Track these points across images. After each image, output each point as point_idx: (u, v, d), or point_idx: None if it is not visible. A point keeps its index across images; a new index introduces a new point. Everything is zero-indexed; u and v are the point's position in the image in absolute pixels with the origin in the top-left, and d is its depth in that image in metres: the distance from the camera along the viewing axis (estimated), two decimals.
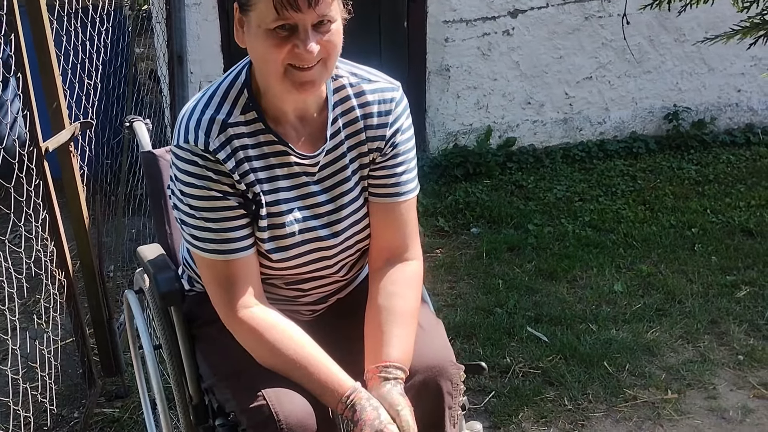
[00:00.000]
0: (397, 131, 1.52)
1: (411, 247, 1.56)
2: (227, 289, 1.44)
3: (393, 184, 1.53)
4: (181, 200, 1.43)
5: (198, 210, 1.42)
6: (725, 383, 2.53)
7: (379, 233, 1.56)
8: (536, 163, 4.68)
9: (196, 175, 1.40)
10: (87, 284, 2.47)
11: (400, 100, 1.53)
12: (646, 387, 2.52)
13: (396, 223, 1.55)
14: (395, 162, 1.53)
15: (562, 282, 3.28)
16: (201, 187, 1.40)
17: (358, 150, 1.52)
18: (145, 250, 1.82)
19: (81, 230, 2.41)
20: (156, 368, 1.80)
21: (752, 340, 2.77)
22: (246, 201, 1.45)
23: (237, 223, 1.43)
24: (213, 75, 4.27)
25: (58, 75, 2.26)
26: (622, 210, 4.01)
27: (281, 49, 1.33)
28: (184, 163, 1.41)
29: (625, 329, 2.87)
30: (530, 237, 3.71)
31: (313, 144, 1.49)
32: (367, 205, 1.56)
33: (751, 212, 3.89)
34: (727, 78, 4.98)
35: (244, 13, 1.37)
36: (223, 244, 1.42)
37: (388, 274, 1.54)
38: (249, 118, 1.44)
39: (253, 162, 1.44)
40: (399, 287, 1.52)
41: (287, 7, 1.30)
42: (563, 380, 2.56)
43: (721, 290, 3.12)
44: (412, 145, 1.56)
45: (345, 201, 1.52)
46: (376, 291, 1.53)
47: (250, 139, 1.43)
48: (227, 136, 1.41)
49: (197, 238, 1.44)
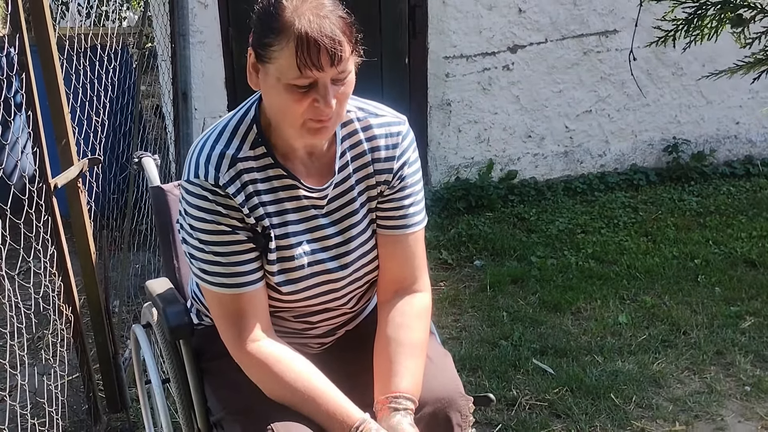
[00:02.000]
0: (404, 164, 1.54)
1: (419, 278, 1.58)
2: (235, 322, 1.45)
3: (400, 216, 1.55)
4: (190, 234, 1.45)
5: (207, 244, 1.43)
6: (733, 414, 2.52)
7: (387, 265, 1.57)
8: (538, 196, 4.71)
9: (205, 209, 1.41)
10: (93, 319, 2.48)
11: (407, 133, 1.55)
12: (654, 419, 2.51)
13: (404, 255, 1.56)
14: (403, 194, 1.55)
15: (567, 314, 3.28)
16: (210, 221, 1.42)
17: (366, 183, 1.54)
18: (154, 284, 1.84)
19: (88, 265, 2.43)
20: (164, 402, 1.80)
21: (758, 370, 2.76)
22: (255, 235, 1.46)
23: (246, 257, 1.44)
24: (217, 111, 4.32)
25: (67, 113, 2.30)
26: (625, 242, 4.03)
27: (301, 104, 1.34)
28: (194, 197, 1.42)
29: (631, 360, 2.86)
30: (533, 269, 3.72)
31: (322, 177, 1.51)
32: (375, 237, 1.58)
33: (753, 243, 3.90)
34: (725, 110, 5.04)
35: (261, 63, 1.37)
36: (231, 278, 1.43)
37: (397, 306, 1.55)
38: (258, 153, 1.45)
39: (263, 196, 1.46)
40: (407, 319, 1.53)
41: (311, 67, 1.30)
42: (570, 412, 2.55)
43: (726, 321, 3.12)
44: (419, 178, 1.58)
45: (353, 233, 1.54)
46: (385, 322, 1.54)
47: (260, 174, 1.45)
48: (237, 171, 1.43)
49: (206, 272, 1.45)
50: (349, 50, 1.33)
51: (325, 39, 1.29)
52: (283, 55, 1.31)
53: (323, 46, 1.29)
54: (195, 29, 4.14)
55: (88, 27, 3.24)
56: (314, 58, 1.29)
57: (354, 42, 1.36)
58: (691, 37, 2.39)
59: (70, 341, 2.38)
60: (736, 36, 2.34)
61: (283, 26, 1.30)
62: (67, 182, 2.29)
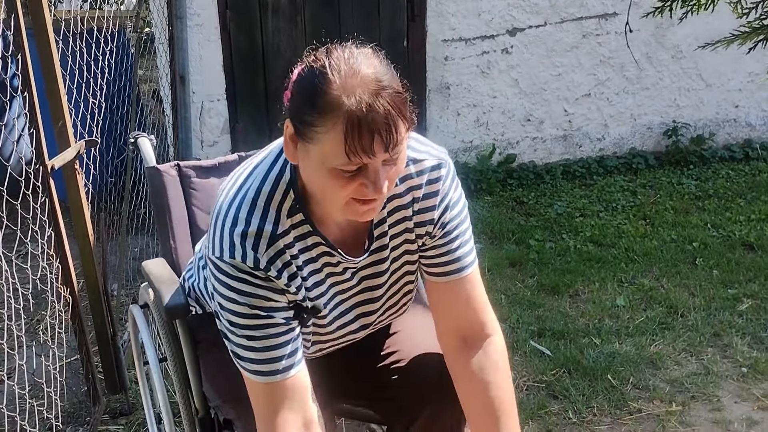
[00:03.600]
0: (446, 209, 1.39)
1: (486, 321, 1.43)
2: (272, 414, 1.28)
3: (449, 261, 1.40)
4: (221, 314, 1.30)
5: (239, 327, 1.28)
6: (729, 395, 2.53)
7: (445, 313, 1.43)
8: (537, 180, 4.70)
9: (238, 290, 1.26)
10: (91, 301, 2.48)
11: (446, 175, 1.38)
12: (651, 399, 2.52)
13: (463, 301, 1.41)
14: (448, 239, 1.40)
15: (565, 296, 3.29)
16: (243, 304, 1.26)
17: (405, 237, 1.40)
18: (150, 264, 1.84)
19: (86, 247, 2.43)
20: (161, 380, 1.81)
21: (755, 352, 2.77)
22: (296, 311, 1.33)
23: (281, 339, 1.28)
24: (215, 94, 4.30)
25: (63, 94, 2.29)
26: (623, 225, 4.03)
27: (346, 188, 1.16)
28: (226, 277, 1.26)
29: (629, 342, 2.87)
30: (532, 252, 3.72)
31: (358, 242, 1.38)
32: (399, 281, 1.46)
33: (752, 226, 3.91)
34: (724, 94, 5.02)
35: (302, 141, 1.18)
36: (267, 364, 1.28)
37: (473, 362, 1.41)
38: (296, 221, 1.29)
39: (303, 269, 1.32)
40: (490, 374, 1.40)
41: (361, 155, 1.11)
42: (567, 393, 2.56)
43: (723, 303, 3.13)
44: (464, 216, 1.42)
45: (379, 294, 1.44)
46: (468, 383, 1.41)
47: (299, 245, 1.30)
48: (277, 250, 1.26)
49: (240, 357, 1.29)
50: (404, 131, 1.15)
51: (379, 123, 1.10)
52: (328, 139, 1.12)
53: (377, 131, 1.10)
54: (192, 12, 4.12)
55: (86, 11, 3.23)
56: (366, 145, 1.10)
57: (410, 119, 1.17)
58: (687, 7, 2.37)
59: (69, 323, 2.39)
60: (732, 6, 2.31)
61: (329, 105, 1.11)
62: (64, 164, 2.29)
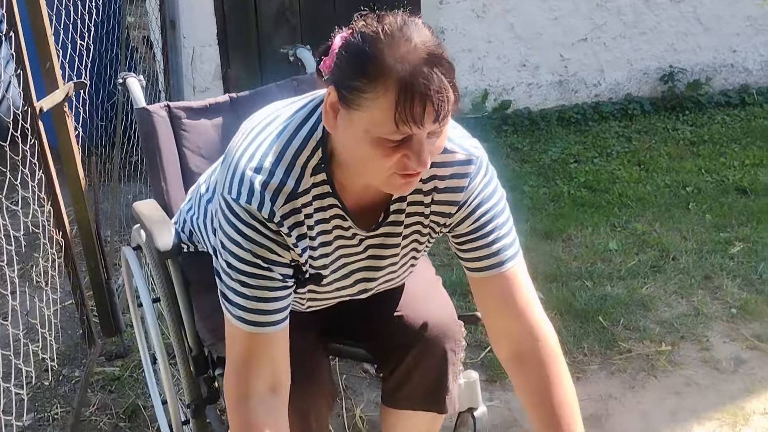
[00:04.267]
0: (477, 206, 1.35)
1: (534, 325, 1.36)
2: (244, 365, 1.28)
3: (485, 255, 1.36)
4: (220, 252, 1.28)
5: (236, 271, 1.26)
6: (718, 335, 2.57)
7: (492, 315, 1.40)
8: (531, 126, 4.68)
9: (247, 236, 1.24)
10: (84, 245, 2.48)
11: (476, 173, 1.33)
12: (641, 340, 2.56)
13: (506, 300, 1.36)
14: (483, 232, 1.35)
15: (558, 241, 3.30)
16: (247, 250, 1.24)
17: (417, 220, 1.37)
18: (141, 206, 1.84)
19: (77, 191, 2.42)
20: (155, 320, 1.83)
21: (745, 294, 2.79)
22: (294, 272, 1.32)
23: (272, 294, 1.28)
24: (206, 40, 4.24)
25: (50, 34, 2.25)
26: (617, 171, 4.02)
27: (389, 159, 1.14)
28: (237, 220, 1.24)
29: (620, 285, 2.90)
30: (525, 198, 3.73)
31: (373, 214, 1.35)
32: (404, 257, 1.44)
33: (746, 171, 3.91)
34: (722, 38, 4.97)
35: (345, 107, 1.14)
36: (253, 314, 1.27)
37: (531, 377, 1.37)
38: (318, 180, 1.26)
39: (314, 230, 1.30)
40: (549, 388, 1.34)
41: (410, 124, 1.09)
42: (559, 335, 2.56)
43: (715, 247, 3.14)
44: (501, 209, 1.37)
45: (383, 264, 1.43)
46: (528, 396, 1.37)
47: (316, 204, 1.28)
48: (294, 207, 1.25)
49: (228, 299, 1.29)
50: (454, 102, 1.12)
51: (432, 93, 1.08)
52: (377, 106, 1.09)
53: (429, 100, 1.08)
54: None
55: None
56: (417, 114, 1.08)
57: (458, 92, 1.14)
58: None
59: (62, 267, 2.39)
60: None
61: (381, 71, 1.08)
62: (53, 106, 2.26)
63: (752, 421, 2.14)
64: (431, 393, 1.60)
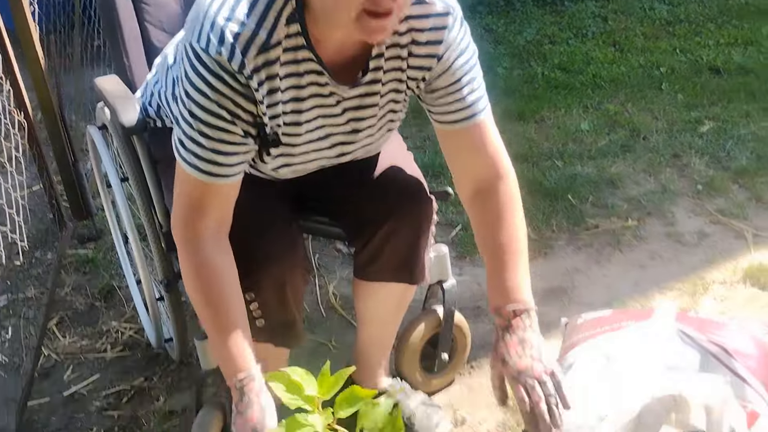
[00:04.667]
0: (457, 57, 1.34)
1: (497, 164, 1.42)
2: (192, 210, 1.30)
3: (460, 108, 1.37)
4: (183, 101, 1.25)
5: (197, 120, 1.24)
6: (683, 211, 2.62)
7: (460, 162, 1.44)
8: (506, 7, 4.57)
9: (213, 87, 1.21)
10: (48, 128, 2.43)
11: (453, 24, 1.32)
12: (608, 216, 2.61)
13: (476, 148, 1.40)
14: (459, 86, 1.36)
15: (530, 122, 3.30)
16: (213, 101, 1.22)
17: (395, 76, 1.36)
18: (104, 81, 1.79)
19: (37, 72, 2.34)
20: (124, 200, 1.81)
21: (712, 171, 2.84)
22: (256, 131, 1.30)
23: (230, 149, 1.27)
24: None
25: None
26: (592, 52, 3.98)
27: None
28: (204, 69, 1.20)
29: (590, 165, 2.92)
30: (499, 80, 3.69)
31: (352, 70, 1.32)
32: (383, 119, 1.44)
33: (720, 50, 3.88)
34: None
35: None
36: (207, 164, 1.27)
37: (486, 206, 1.42)
38: (291, 31, 1.23)
39: (285, 85, 1.27)
40: (499, 216, 1.41)
41: None
42: (528, 213, 2.55)
43: (685, 126, 3.16)
44: (473, 63, 1.37)
45: (362, 126, 1.41)
46: (480, 227, 1.44)
47: (289, 56, 1.25)
48: (265, 60, 1.22)
49: (184, 146, 1.28)
50: None
51: None
52: None
53: None
54: None
55: None
56: None
57: None
58: None
59: (27, 148, 2.35)
60: None
61: None
62: None
63: (711, 290, 2.22)
64: (403, 264, 1.62)
